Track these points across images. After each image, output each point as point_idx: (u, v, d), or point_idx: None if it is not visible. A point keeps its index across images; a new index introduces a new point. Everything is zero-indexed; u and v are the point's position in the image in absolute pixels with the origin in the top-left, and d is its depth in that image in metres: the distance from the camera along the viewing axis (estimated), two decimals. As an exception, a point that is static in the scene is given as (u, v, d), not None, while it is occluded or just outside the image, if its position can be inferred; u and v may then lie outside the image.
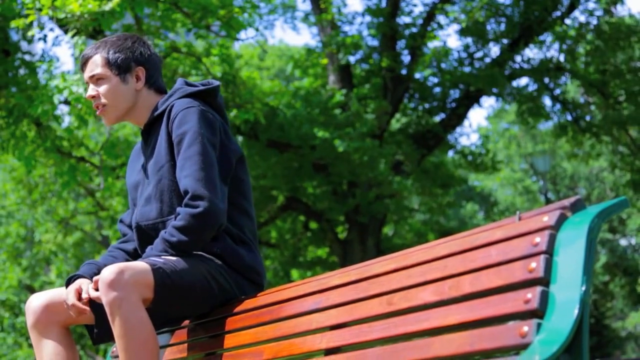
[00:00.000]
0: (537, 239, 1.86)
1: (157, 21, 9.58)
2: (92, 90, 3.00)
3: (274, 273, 17.78)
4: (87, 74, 3.01)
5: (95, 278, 2.68)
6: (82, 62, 3.04)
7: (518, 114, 14.99)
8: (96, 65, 2.99)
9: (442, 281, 2.05)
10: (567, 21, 14.35)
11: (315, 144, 12.52)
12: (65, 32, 9.39)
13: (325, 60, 14.13)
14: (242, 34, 9.45)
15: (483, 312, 1.88)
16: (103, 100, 2.98)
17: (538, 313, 1.77)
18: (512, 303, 1.82)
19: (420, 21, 14.08)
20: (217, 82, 3.03)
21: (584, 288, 1.75)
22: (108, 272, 2.57)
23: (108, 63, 2.98)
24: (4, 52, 9.52)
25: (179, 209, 2.77)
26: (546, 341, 1.71)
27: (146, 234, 2.92)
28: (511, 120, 25.11)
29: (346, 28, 14.29)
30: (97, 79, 2.99)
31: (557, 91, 14.86)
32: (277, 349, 2.49)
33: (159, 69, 3.09)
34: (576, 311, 1.73)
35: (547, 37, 14.35)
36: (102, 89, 2.98)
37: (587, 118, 15.15)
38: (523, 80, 16.93)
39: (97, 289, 2.68)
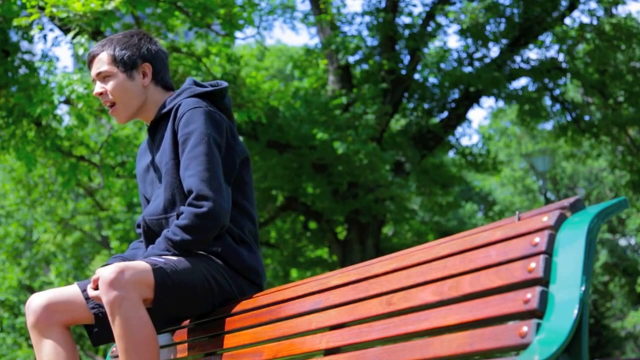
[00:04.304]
0: (537, 239, 1.86)
1: (157, 21, 9.59)
2: (99, 87, 3.00)
3: (273, 273, 17.80)
4: (94, 71, 3.01)
5: (94, 277, 2.69)
6: (89, 60, 3.04)
7: (519, 114, 15.00)
8: (102, 62, 2.99)
9: (442, 281, 2.05)
10: (567, 21, 14.37)
11: (315, 145, 12.53)
12: (65, 32, 9.39)
13: (324, 61, 14.13)
14: (243, 33, 9.43)
15: (482, 312, 1.88)
16: (111, 97, 2.98)
17: (537, 313, 1.78)
18: (512, 303, 1.83)
19: (419, 21, 14.08)
20: (225, 84, 3.03)
21: (583, 288, 1.76)
22: (108, 272, 2.57)
23: (114, 60, 2.98)
24: (3, 53, 9.52)
25: (182, 208, 2.77)
26: (546, 341, 1.71)
27: (150, 230, 2.94)
28: (511, 119, 25.13)
29: (345, 28, 14.30)
30: (103, 77, 2.99)
31: (557, 91, 14.87)
32: (277, 349, 2.49)
33: (165, 65, 3.08)
34: (575, 311, 1.73)
35: (547, 37, 14.35)
36: (109, 86, 2.97)
37: (587, 118, 15.15)
38: (523, 81, 16.95)
39: (95, 288, 2.69)
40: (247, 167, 2.97)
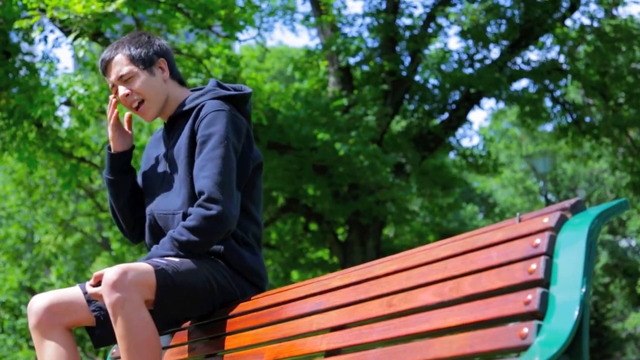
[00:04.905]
0: (538, 241, 1.87)
1: (157, 22, 9.59)
2: (123, 90, 2.96)
3: (274, 275, 17.79)
4: (113, 76, 2.98)
5: (95, 274, 2.69)
6: (104, 66, 3.01)
7: (519, 116, 15.00)
8: (121, 65, 2.96)
9: (443, 282, 2.05)
10: (568, 23, 14.36)
11: (315, 146, 12.52)
12: (66, 33, 9.40)
13: (325, 63, 14.13)
14: (243, 34, 9.45)
15: (483, 314, 1.88)
16: (137, 97, 2.96)
17: (538, 314, 1.78)
18: (513, 304, 1.83)
19: (420, 23, 14.08)
20: (249, 89, 3.02)
21: (584, 289, 1.76)
22: (111, 273, 2.58)
23: (133, 60, 2.96)
24: (4, 54, 9.53)
25: (191, 209, 2.77)
26: (546, 343, 1.71)
27: (156, 224, 2.94)
28: (511, 120, 25.12)
29: (346, 30, 14.30)
30: (126, 79, 2.96)
31: (558, 93, 14.87)
32: (278, 351, 2.49)
33: (174, 60, 3.10)
34: (576, 313, 1.73)
35: (548, 39, 14.35)
36: (135, 85, 2.95)
37: (587, 120, 15.15)
38: (523, 82, 16.94)
39: (94, 286, 2.69)
40: (259, 172, 2.97)
